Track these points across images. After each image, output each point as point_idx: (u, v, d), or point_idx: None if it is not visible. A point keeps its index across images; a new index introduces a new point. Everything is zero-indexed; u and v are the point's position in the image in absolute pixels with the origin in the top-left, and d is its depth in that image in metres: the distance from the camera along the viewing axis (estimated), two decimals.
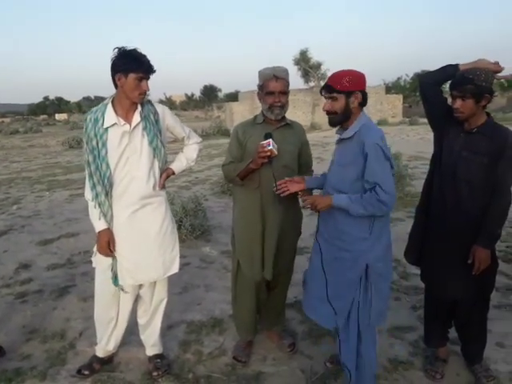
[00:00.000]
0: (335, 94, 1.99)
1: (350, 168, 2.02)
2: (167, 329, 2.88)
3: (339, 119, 2.05)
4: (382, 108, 28.79)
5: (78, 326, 3.07)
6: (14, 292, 3.68)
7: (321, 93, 2.07)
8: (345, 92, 1.98)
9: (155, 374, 2.45)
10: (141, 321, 2.57)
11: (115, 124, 2.17)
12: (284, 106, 2.34)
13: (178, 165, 2.50)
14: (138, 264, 2.30)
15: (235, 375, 2.48)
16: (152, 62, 2.16)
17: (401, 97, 30.44)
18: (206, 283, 3.71)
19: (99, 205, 2.22)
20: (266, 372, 2.50)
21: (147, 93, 2.20)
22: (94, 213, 2.26)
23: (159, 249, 2.33)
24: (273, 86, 2.27)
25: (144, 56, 2.12)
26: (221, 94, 64.35)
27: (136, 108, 2.20)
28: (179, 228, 4.66)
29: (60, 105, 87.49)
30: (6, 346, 2.79)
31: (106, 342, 2.53)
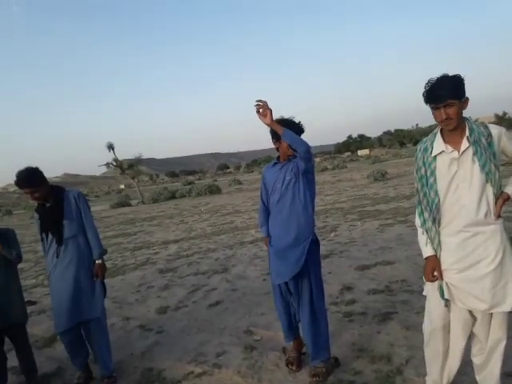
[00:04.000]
0: None
1: None
2: (505, 376, 2.55)
3: None
4: None
5: (403, 353, 3.12)
6: (342, 311, 4.11)
7: None
8: None
9: None
10: (475, 360, 2.38)
11: (443, 151, 2.19)
12: None
13: None
14: (467, 291, 2.19)
15: None
16: (450, 87, 2.06)
17: None
18: None
19: (426, 231, 2.28)
20: None
21: (453, 117, 2.09)
22: (422, 239, 2.32)
23: (491, 281, 2.14)
24: None
25: (436, 87, 2.09)
26: None
27: (464, 133, 2.15)
28: None
29: (361, 141, 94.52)
30: (340, 359, 3.13)
31: (438, 376, 2.46)
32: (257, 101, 2.72)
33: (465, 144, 2.15)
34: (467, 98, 2.15)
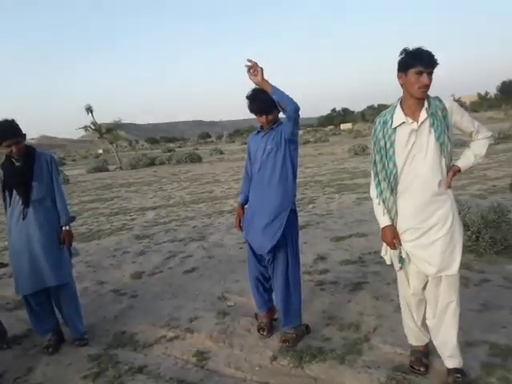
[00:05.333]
0: None
1: None
2: (466, 345, 2.66)
3: None
4: None
5: (371, 321, 3.21)
6: (314, 279, 4.19)
7: None
8: None
9: None
10: (429, 323, 2.50)
11: (403, 123, 2.27)
12: None
13: (465, 161, 2.37)
14: (419, 256, 2.33)
15: None
16: (436, 56, 2.16)
17: None
18: None
19: (383, 201, 2.38)
20: None
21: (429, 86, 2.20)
22: (379, 209, 2.42)
23: (441, 246, 2.27)
24: None
25: (425, 51, 2.16)
26: None
27: (423, 105, 2.24)
28: (476, 240, 4.25)
29: (345, 115, 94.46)
30: (310, 326, 3.20)
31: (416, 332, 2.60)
32: (248, 60, 2.72)
33: (423, 115, 2.24)
34: None
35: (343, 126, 73.85)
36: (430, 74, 2.18)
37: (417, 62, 2.16)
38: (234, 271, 4.65)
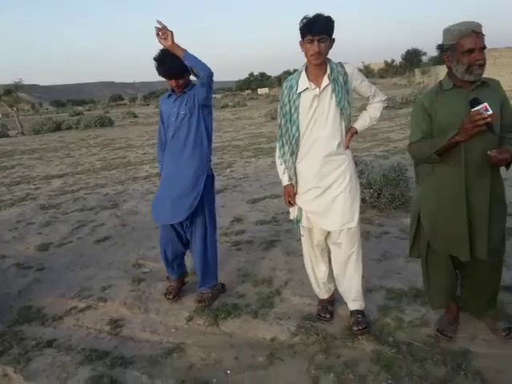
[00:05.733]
0: None
1: None
2: (367, 292, 2.91)
3: None
4: None
5: (283, 276, 3.38)
6: (231, 240, 4.27)
7: None
8: None
9: (355, 328, 2.53)
10: (334, 271, 2.69)
11: (307, 88, 2.35)
12: (485, 64, 2.06)
13: (362, 123, 2.53)
14: (321, 215, 2.48)
15: (439, 348, 2.36)
16: (330, 24, 2.22)
17: None
18: (407, 254, 3.58)
19: (284, 162, 2.50)
20: (474, 352, 2.30)
21: (323, 53, 2.25)
22: (280, 169, 2.57)
23: (341, 202, 2.43)
24: (473, 43, 2.00)
25: (317, 19, 2.19)
26: (425, 58, 59.52)
27: (325, 72, 2.32)
28: (378, 197, 4.59)
29: (262, 80, 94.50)
30: (226, 284, 3.29)
31: (317, 285, 2.81)
32: (157, 21, 2.59)
33: (325, 81, 2.32)
34: (334, 40, 2.30)
35: (260, 91, 74.04)
36: (321, 40, 2.22)
37: (307, 31, 2.21)
38: (150, 238, 4.57)
